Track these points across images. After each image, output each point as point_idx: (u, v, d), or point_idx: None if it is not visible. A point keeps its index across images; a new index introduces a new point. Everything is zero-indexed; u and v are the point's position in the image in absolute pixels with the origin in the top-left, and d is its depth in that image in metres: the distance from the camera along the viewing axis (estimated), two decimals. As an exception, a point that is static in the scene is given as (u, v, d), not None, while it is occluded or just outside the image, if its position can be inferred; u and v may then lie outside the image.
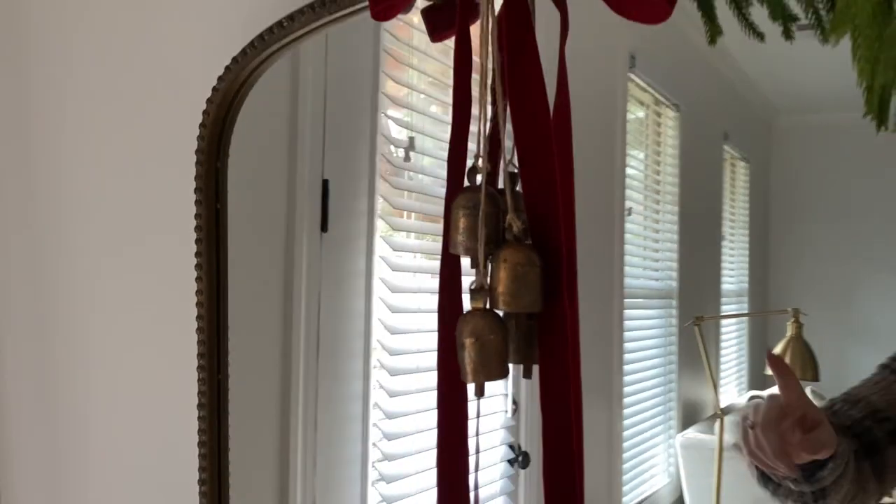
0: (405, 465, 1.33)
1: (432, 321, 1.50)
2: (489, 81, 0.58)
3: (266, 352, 1.07)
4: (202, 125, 0.71)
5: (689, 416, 2.12)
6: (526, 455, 1.61)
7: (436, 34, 0.68)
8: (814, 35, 0.70)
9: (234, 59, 0.70)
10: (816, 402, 2.43)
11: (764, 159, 2.70)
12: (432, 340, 1.49)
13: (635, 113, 2.11)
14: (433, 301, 1.47)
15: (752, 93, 2.50)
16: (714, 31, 0.61)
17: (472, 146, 0.62)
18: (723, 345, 2.39)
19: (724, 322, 2.32)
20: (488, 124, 0.60)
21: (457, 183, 0.61)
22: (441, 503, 0.61)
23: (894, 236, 2.50)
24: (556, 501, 0.59)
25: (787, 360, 1.75)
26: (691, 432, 1.98)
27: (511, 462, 1.58)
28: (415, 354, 1.38)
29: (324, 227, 1.16)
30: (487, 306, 0.58)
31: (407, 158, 1.41)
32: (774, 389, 2.31)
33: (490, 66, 0.59)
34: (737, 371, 2.56)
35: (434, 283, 1.54)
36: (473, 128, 0.63)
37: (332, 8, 0.66)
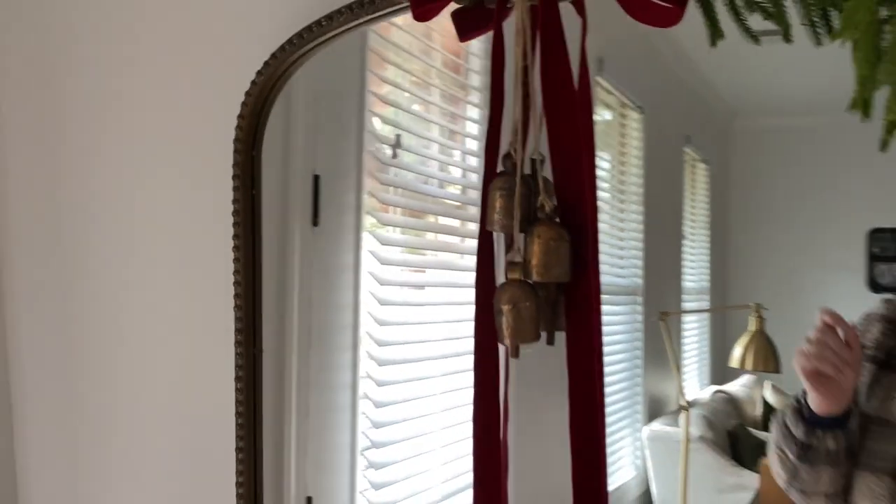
0: (392, 452, 1.42)
1: (419, 313, 1.58)
2: (525, 73, 0.68)
3: (264, 341, 1.14)
4: (240, 116, 0.79)
5: (655, 409, 2.25)
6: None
7: (463, 35, 0.77)
8: (775, 40, 0.81)
9: (273, 55, 0.78)
10: (776, 399, 2.56)
11: (723, 161, 2.87)
12: (419, 332, 1.58)
13: (602, 115, 2.24)
14: (419, 294, 1.56)
15: (711, 97, 2.67)
16: (715, 35, 0.72)
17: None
18: (685, 341, 2.53)
19: (685, 319, 2.46)
20: (520, 117, 0.70)
21: (492, 168, 0.70)
22: (477, 451, 0.70)
23: (846, 235, 2.69)
24: (582, 456, 0.69)
25: (751, 353, 1.88)
26: (657, 425, 2.10)
27: (490, 452, 1.67)
28: (402, 346, 1.47)
29: (315, 221, 1.24)
30: (522, 277, 0.68)
31: (394, 155, 1.50)
32: (735, 384, 2.45)
33: (521, 66, 0.69)
34: (698, 366, 2.71)
35: (419, 277, 1.64)
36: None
37: (369, 9, 0.74)
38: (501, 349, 0.70)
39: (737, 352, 1.87)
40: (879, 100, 0.70)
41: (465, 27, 0.75)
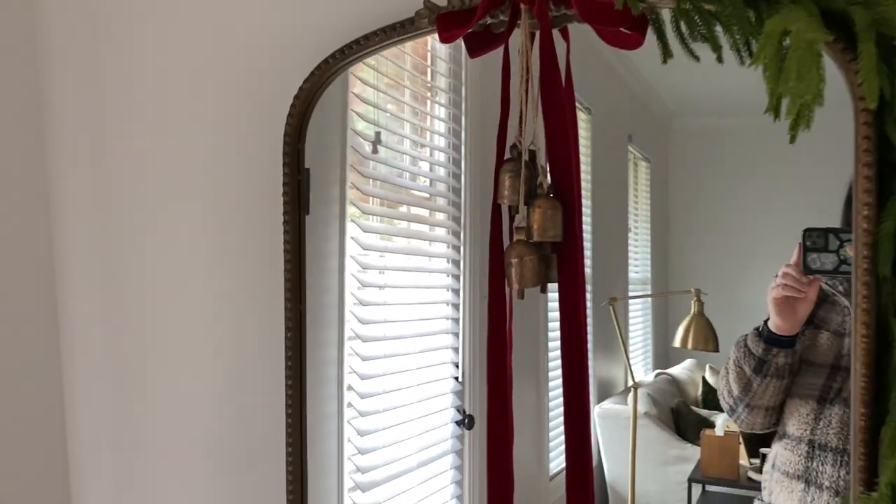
0: (376, 420, 1.66)
1: (397, 295, 1.85)
2: (526, 83, 0.95)
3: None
4: (289, 116, 1.03)
5: (604, 391, 2.54)
6: (471, 417, 1.96)
7: (473, 53, 1.03)
8: (708, 48, 1.10)
9: (318, 67, 1.02)
10: (714, 379, 2.93)
11: (663, 159, 3.20)
12: (398, 311, 1.84)
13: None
14: (398, 277, 1.82)
15: (651, 98, 2.99)
16: (666, 55, 0.99)
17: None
18: (630, 329, 2.85)
19: (631, 308, 2.77)
20: (524, 116, 0.96)
21: (501, 155, 0.96)
22: (490, 381, 0.96)
23: (775, 229, 3.03)
24: (570, 379, 0.96)
25: (691, 333, 2.19)
26: (607, 404, 2.40)
27: (459, 423, 1.93)
28: (382, 324, 1.71)
29: (307, 209, 1.48)
30: (526, 238, 0.95)
31: (375, 150, 1.74)
32: (677, 368, 2.80)
33: (526, 74, 0.95)
34: (643, 352, 3.04)
35: (398, 261, 1.87)
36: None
37: (400, 32, 1.00)
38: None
39: (679, 333, 2.18)
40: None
41: (475, 47, 1.01)
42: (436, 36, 0.97)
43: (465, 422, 1.95)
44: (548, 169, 0.94)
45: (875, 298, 0.82)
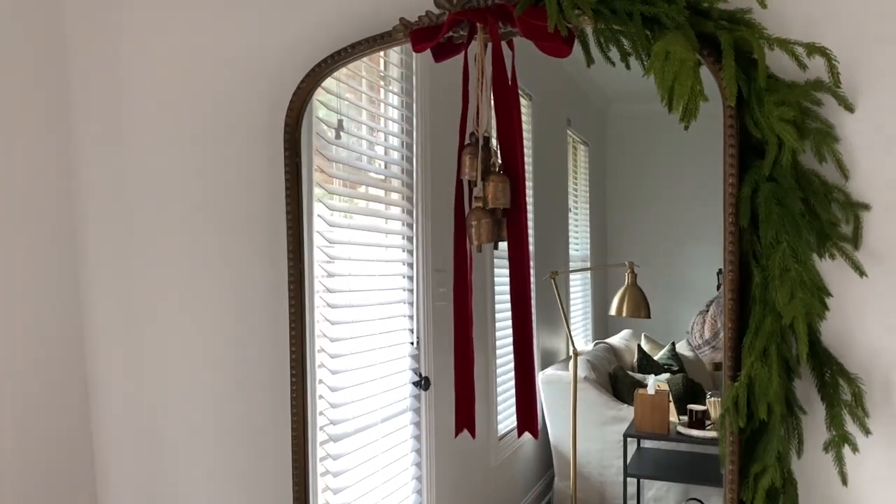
0: (345, 379, 2.03)
1: (359, 267, 2.24)
2: (481, 85, 1.34)
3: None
4: (289, 108, 1.40)
5: (548, 359, 2.94)
6: (427, 379, 2.34)
7: (438, 59, 1.41)
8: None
9: (312, 69, 1.40)
10: (649, 346, 3.39)
11: (600, 142, 3.61)
12: (360, 282, 2.23)
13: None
14: (359, 251, 2.20)
15: (589, 85, 3.39)
16: (589, 61, 1.39)
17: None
18: (571, 303, 3.25)
19: (571, 284, 3.18)
20: (480, 110, 1.35)
21: (462, 141, 1.35)
22: (456, 307, 1.35)
23: (704, 208, 3.42)
24: (518, 325, 1.35)
25: (625, 302, 2.62)
26: (550, 370, 2.80)
27: (416, 384, 2.30)
28: (347, 293, 2.08)
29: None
30: (482, 206, 1.34)
31: (337, 136, 2.10)
32: (615, 338, 3.28)
33: (481, 78, 1.34)
34: (583, 324, 3.46)
35: (353, 235, 2.23)
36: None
37: (380, 42, 1.38)
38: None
39: (615, 302, 2.60)
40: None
41: (439, 55, 1.39)
42: (409, 45, 1.35)
43: (422, 383, 2.33)
44: (499, 151, 1.33)
45: (738, 244, 1.24)
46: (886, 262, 1.23)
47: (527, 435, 2.87)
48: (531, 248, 2.90)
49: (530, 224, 3.01)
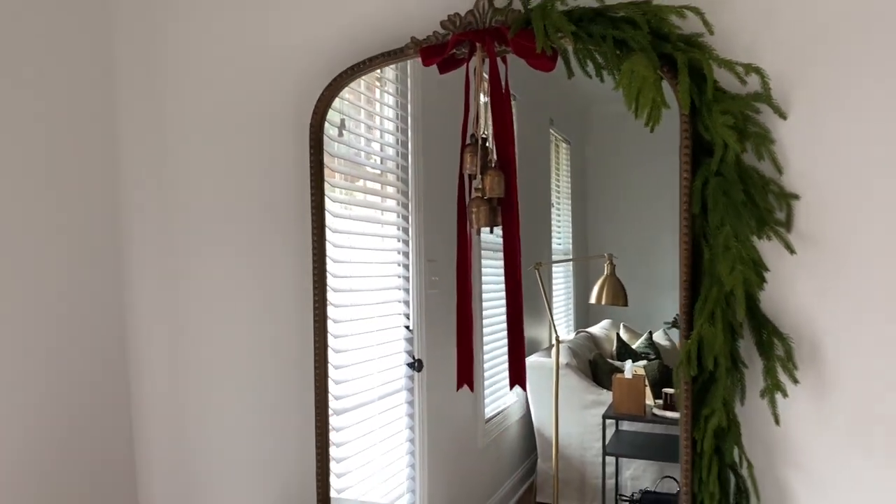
0: (347, 357, 2.40)
1: (359, 255, 2.65)
2: (480, 94, 1.72)
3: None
4: (314, 113, 1.78)
5: (532, 347, 3.31)
6: (420, 361, 2.71)
7: (442, 71, 1.80)
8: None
9: (335, 79, 1.78)
10: (628, 336, 3.83)
11: (581, 141, 3.97)
12: (360, 269, 2.64)
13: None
14: (361, 240, 2.61)
15: (570, 87, 3.75)
16: (570, 74, 1.78)
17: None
18: (554, 294, 3.63)
19: (554, 276, 3.55)
20: (479, 116, 1.74)
21: (464, 140, 1.74)
22: (459, 307, 1.73)
23: (676, 202, 3.80)
24: (511, 292, 1.74)
25: (604, 291, 3.00)
26: (534, 357, 3.18)
27: (410, 366, 2.67)
28: (348, 279, 2.45)
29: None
30: (481, 196, 1.73)
31: (340, 134, 2.48)
32: (596, 327, 3.73)
33: (480, 88, 1.73)
34: (565, 314, 3.84)
35: (353, 225, 2.59)
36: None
37: (395, 56, 1.76)
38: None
39: (594, 291, 2.99)
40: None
41: (444, 68, 1.77)
42: (418, 60, 1.74)
43: (416, 365, 2.69)
44: (494, 150, 1.72)
45: (691, 227, 1.63)
46: (813, 242, 1.63)
47: (512, 417, 3.28)
48: (515, 241, 3.29)
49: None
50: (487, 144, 1.71)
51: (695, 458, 1.64)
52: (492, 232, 1.73)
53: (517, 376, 1.77)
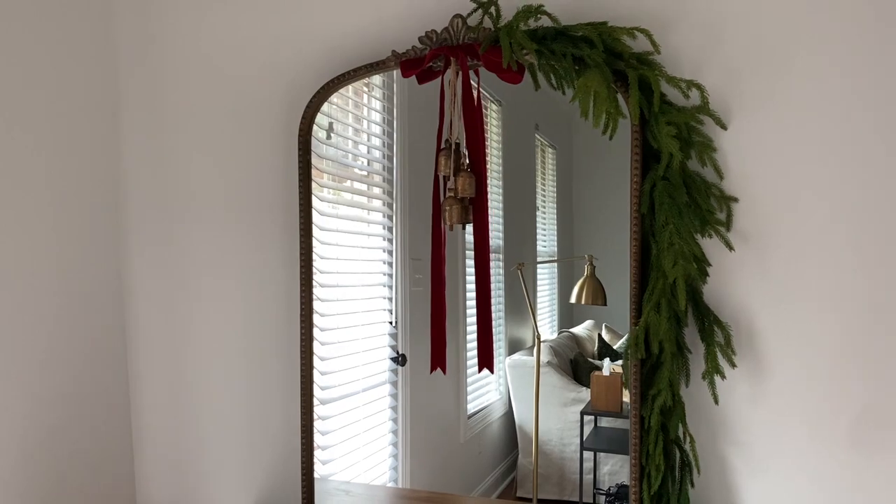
0: (333, 350, 2.72)
1: (346, 252, 2.99)
2: (453, 104, 2.05)
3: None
4: (302, 118, 2.11)
5: (515, 346, 3.62)
6: (404, 356, 3.02)
7: (420, 82, 2.13)
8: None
9: (322, 87, 2.11)
10: (609, 336, 4.18)
11: (567, 146, 4.27)
12: (346, 266, 2.98)
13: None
14: (345, 238, 2.96)
15: (555, 93, 4.08)
16: (536, 86, 2.11)
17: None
18: (539, 296, 3.94)
19: (539, 278, 3.86)
20: (452, 122, 2.07)
21: (440, 145, 2.07)
22: (434, 295, 2.06)
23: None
24: (480, 282, 2.07)
25: (584, 291, 3.33)
26: (516, 356, 3.49)
27: (394, 360, 2.98)
28: (335, 275, 2.77)
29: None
30: (454, 196, 2.06)
31: (328, 137, 2.81)
32: (579, 328, 4.08)
33: (453, 98, 2.06)
34: (550, 317, 4.15)
35: (340, 224, 2.92)
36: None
37: (377, 68, 2.10)
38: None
39: (574, 291, 3.32)
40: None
41: (422, 79, 2.10)
42: (398, 71, 2.07)
43: (399, 359, 3.01)
44: (467, 154, 2.05)
45: (640, 225, 1.96)
46: (750, 240, 1.96)
47: (494, 414, 3.59)
48: (500, 242, 3.62)
49: (500, 221, 3.78)
50: (461, 149, 2.03)
51: (643, 433, 1.97)
52: (464, 229, 2.05)
53: (485, 360, 2.09)
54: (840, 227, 1.87)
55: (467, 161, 2.03)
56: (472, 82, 2.03)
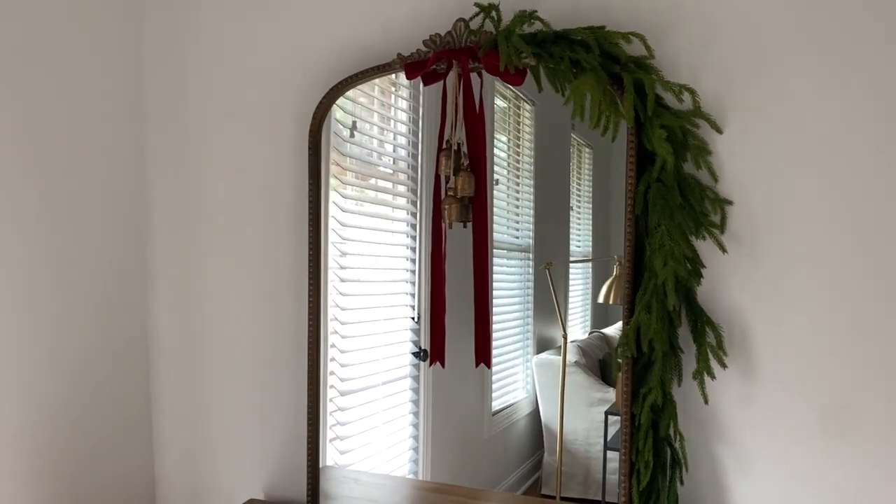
0: (354, 343, 2.81)
1: (369, 248, 3.11)
2: (455, 105, 2.13)
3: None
4: (313, 119, 2.20)
5: (543, 345, 3.67)
6: (425, 351, 3.10)
7: (425, 83, 2.21)
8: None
9: (332, 89, 2.20)
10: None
11: (604, 145, 4.27)
12: (368, 261, 3.09)
13: (499, 103, 3.68)
14: (368, 235, 3.08)
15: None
16: (539, 88, 2.17)
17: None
18: (571, 296, 3.97)
19: (571, 278, 3.90)
20: (454, 124, 2.14)
21: (440, 146, 2.15)
22: (434, 291, 2.14)
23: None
24: (478, 280, 2.14)
25: (612, 291, 3.38)
26: (544, 355, 3.55)
27: (416, 355, 3.06)
28: (357, 269, 2.86)
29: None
30: (454, 195, 2.13)
31: (352, 135, 2.90)
32: (610, 328, 4.14)
33: (455, 100, 2.14)
34: (582, 317, 4.17)
35: (363, 220, 3.01)
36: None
37: (383, 70, 2.18)
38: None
39: (603, 291, 3.37)
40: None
41: (426, 81, 2.18)
42: (403, 74, 2.16)
43: (421, 354, 3.09)
44: (467, 154, 2.12)
45: (634, 226, 2.01)
46: (743, 242, 2.00)
47: (520, 412, 3.66)
48: (531, 241, 3.68)
49: (531, 221, 3.82)
50: (461, 149, 2.11)
51: (633, 430, 2.02)
52: (464, 227, 2.13)
53: (483, 355, 2.16)
54: (834, 230, 1.91)
55: (467, 161, 2.11)
56: (475, 84, 2.10)
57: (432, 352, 2.29)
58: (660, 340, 1.92)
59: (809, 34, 1.92)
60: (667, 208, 1.91)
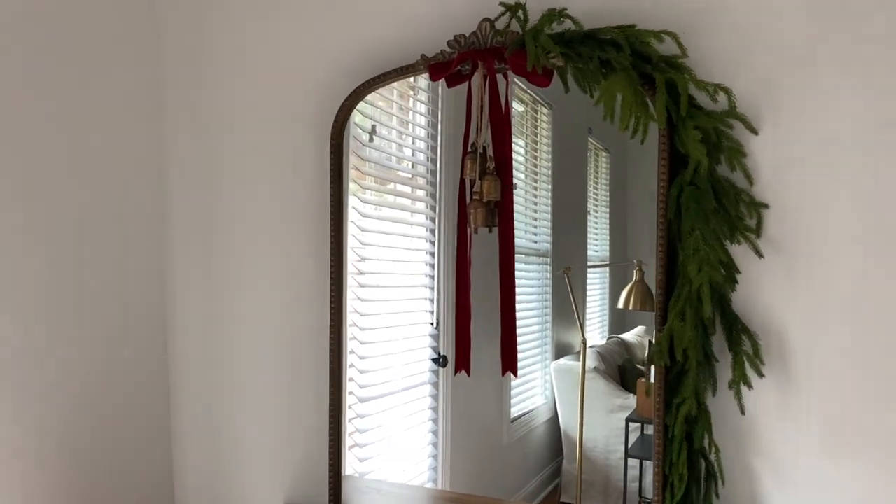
0: (373, 349, 2.74)
1: (388, 253, 3.03)
2: (480, 107, 2.04)
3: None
4: (335, 121, 2.13)
5: (562, 351, 3.60)
6: (444, 357, 3.03)
7: (449, 85, 2.13)
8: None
9: (354, 91, 2.12)
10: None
11: (621, 150, 4.21)
12: (387, 266, 3.02)
13: (517, 108, 3.60)
14: (387, 240, 3.01)
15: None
16: (566, 89, 2.09)
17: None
18: (589, 301, 3.90)
19: (589, 282, 3.82)
20: (479, 126, 2.06)
21: (465, 149, 2.07)
22: (459, 298, 2.06)
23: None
24: (504, 286, 2.06)
25: (633, 296, 3.29)
26: (563, 361, 3.47)
27: (435, 361, 2.99)
28: (376, 275, 2.79)
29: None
30: (479, 198, 2.05)
31: (371, 139, 2.82)
32: (629, 333, 4.05)
33: (480, 102, 2.06)
34: (600, 322, 4.10)
35: (382, 225, 2.94)
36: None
37: (407, 71, 2.10)
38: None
39: (622, 296, 3.28)
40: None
41: (450, 83, 2.10)
42: (426, 74, 2.07)
43: (440, 360, 3.01)
44: (492, 157, 2.04)
45: (667, 231, 1.93)
46: (780, 247, 1.92)
47: (539, 419, 3.57)
48: (549, 246, 3.60)
49: (549, 225, 3.75)
50: (486, 152, 2.02)
51: (666, 442, 1.93)
52: (490, 232, 2.04)
53: (509, 363, 2.08)
54: (874, 237, 1.82)
55: (492, 165, 2.02)
56: (500, 86, 2.02)
57: (458, 360, 2.21)
58: (694, 349, 1.83)
59: (851, 34, 1.83)
60: (701, 212, 1.83)
